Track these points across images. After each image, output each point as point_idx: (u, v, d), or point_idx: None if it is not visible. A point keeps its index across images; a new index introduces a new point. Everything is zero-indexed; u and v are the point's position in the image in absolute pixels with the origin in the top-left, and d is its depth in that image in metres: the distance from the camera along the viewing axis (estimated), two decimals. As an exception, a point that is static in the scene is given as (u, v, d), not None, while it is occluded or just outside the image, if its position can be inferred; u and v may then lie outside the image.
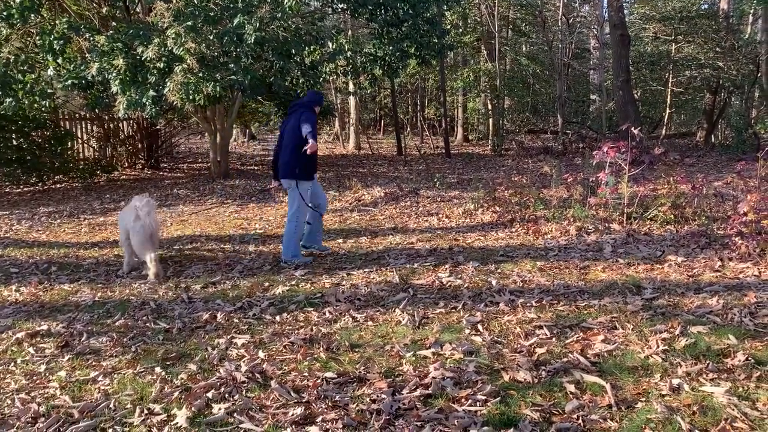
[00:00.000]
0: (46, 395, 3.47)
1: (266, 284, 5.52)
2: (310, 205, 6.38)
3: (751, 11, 20.25)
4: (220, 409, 3.22)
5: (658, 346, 3.78)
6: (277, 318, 4.65)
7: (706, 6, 20.72)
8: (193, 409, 3.22)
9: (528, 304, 4.72)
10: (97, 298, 5.27)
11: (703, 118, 19.08)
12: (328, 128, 28.15)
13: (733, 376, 3.37)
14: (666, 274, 5.41)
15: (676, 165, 12.25)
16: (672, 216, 7.28)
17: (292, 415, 3.14)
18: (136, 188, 12.15)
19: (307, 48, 11.87)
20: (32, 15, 10.72)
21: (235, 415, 3.18)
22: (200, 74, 9.93)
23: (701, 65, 18.39)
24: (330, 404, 3.24)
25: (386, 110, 26.37)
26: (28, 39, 11.96)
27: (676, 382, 3.32)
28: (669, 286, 5.05)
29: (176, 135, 18.41)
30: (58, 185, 12.67)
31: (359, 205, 9.65)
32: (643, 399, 3.19)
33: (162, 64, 10.09)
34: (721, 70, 17.53)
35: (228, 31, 10.15)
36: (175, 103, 10.31)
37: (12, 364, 3.92)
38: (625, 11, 18.73)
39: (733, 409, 3.03)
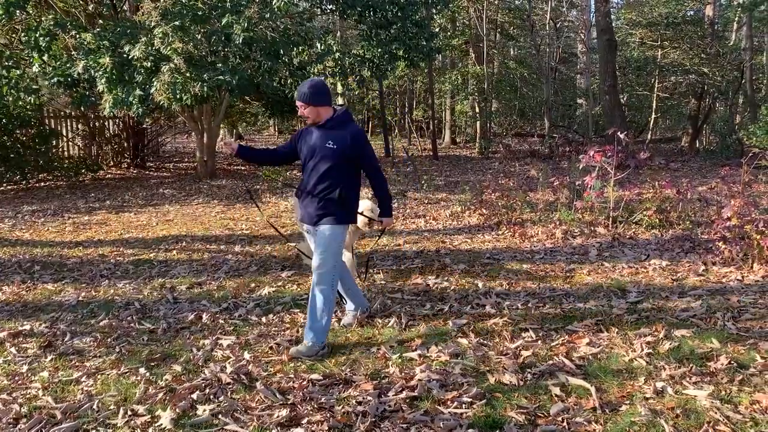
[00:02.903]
0: (28, 396, 3.44)
1: (252, 285, 5.50)
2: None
3: (736, 18, 20.48)
4: (204, 410, 3.20)
5: (642, 350, 3.81)
6: (263, 319, 4.63)
7: (691, 13, 20.92)
8: (177, 410, 3.20)
9: (514, 307, 4.74)
10: (81, 298, 5.22)
11: (688, 123, 19.26)
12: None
13: (716, 380, 3.41)
14: (650, 278, 5.45)
15: (661, 169, 12.36)
16: (657, 220, 7.34)
17: (278, 416, 3.13)
18: (121, 187, 12.06)
19: (295, 48, 11.85)
20: (18, 11, 10.61)
21: (220, 416, 3.16)
22: (188, 74, 9.88)
23: (687, 71, 18.56)
24: (315, 406, 3.23)
25: (374, 112, 26.36)
26: (14, 35, 11.84)
27: (660, 385, 3.34)
28: (653, 290, 5.09)
29: (163, 134, 18.30)
30: (42, 183, 12.54)
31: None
32: (628, 402, 3.21)
33: (149, 63, 10.03)
34: (706, 76, 17.71)
35: (216, 30, 10.12)
36: (161, 102, 10.25)
37: (-7, 364, 3.88)
38: (612, 16, 18.89)
39: (715, 413, 3.06)
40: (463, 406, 3.20)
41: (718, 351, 3.78)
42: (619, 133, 7.55)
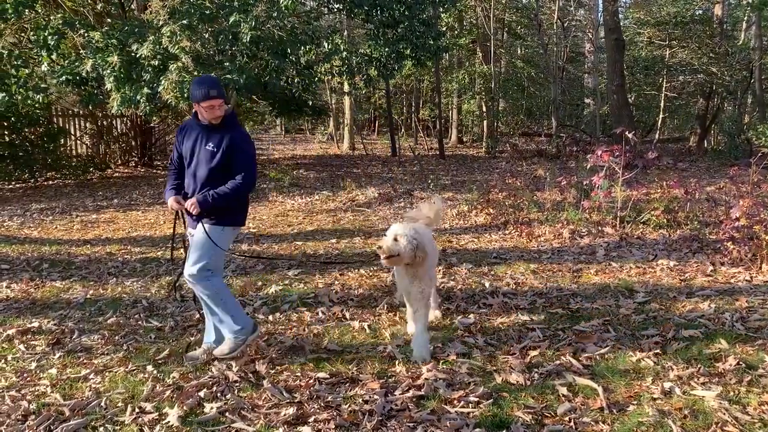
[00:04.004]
0: (36, 393, 3.45)
1: (259, 283, 5.51)
2: None
3: (745, 18, 20.34)
4: (212, 408, 3.21)
5: (650, 350, 3.80)
6: (270, 317, 4.64)
7: (700, 12, 20.80)
8: (184, 407, 3.21)
9: (521, 307, 4.73)
10: (89, 296, 5.24)
11: (697, 123, 19.17)
12: (322, 128, 28.14)
13: (724, 381, 3.39)
14: (658, 278, 5.43)
15: (669, 169, 12.30)
16: (665, 220, 7.31)
17: (285, 415, 3.13)
18: (129, 186, 12.11)
19: (302, 47, 11.85)
20: (26, 10, 10.65)
21: (227, 414, 3.17)
22: (195, 72, 9.89)
23: (695, 70, 18.47)
24: (322, 404, 3.24)
25: (381, 111, 26.37)
26: (22, 34, 11.89)
27: (667, 385, 3.33)
28: (661, 290, 5.07)
29: (170, 133, 18.31)
30: (50, 182, 12.60)
31: (353, 205, 9.64)
32: (635, 402, 3.20)
33: (157, 62, 10.05)
34: (715, 75, 17.62)
35: (223, 29, 10.12)
36: (169, 101, 10.27)
37: (2, 361, 3.90)
38: (620, 16, 18.82)
39: (724, 413, 3.04)
40: (470, 405, 3.19)
41: (726, 352, 3.76)
42: (626, 133, 7.53)
